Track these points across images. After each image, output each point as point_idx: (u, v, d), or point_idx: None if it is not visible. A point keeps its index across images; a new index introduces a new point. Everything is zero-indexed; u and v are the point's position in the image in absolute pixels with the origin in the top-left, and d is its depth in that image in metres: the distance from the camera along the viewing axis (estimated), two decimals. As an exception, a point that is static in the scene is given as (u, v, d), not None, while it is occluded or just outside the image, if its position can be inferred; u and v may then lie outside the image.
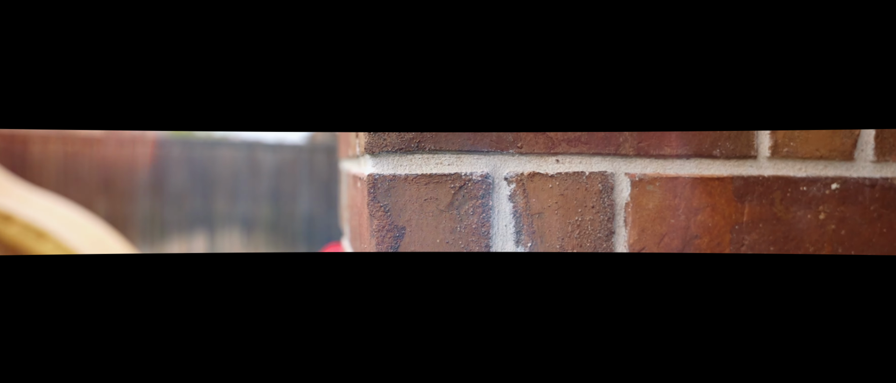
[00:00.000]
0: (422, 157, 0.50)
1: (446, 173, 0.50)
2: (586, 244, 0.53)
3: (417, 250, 0.50)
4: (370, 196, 0.49)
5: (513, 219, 0.52)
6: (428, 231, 0.50)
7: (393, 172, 0.49)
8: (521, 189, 0.52)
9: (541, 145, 0.52)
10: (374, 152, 0.49)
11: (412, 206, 0.50)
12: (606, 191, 0.53)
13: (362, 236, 0.55)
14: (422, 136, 0.50)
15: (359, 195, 0.58)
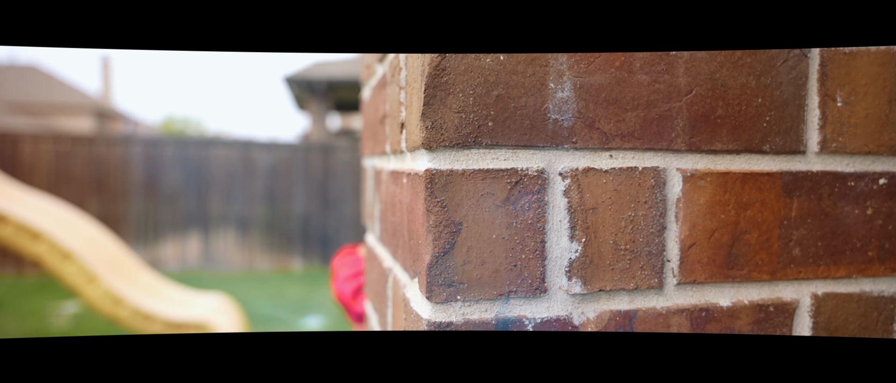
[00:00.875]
0: (478, 152, 0.50)
1: (503, 168, 0.50)
2: (639, 239, 0.53)
3: (474, 245, 0.50)
4: (427, 191, 0.49)
5: (567, 215, 0.52)
6: (484, 226, 0.50)
7: (450, 167, 0.49)
8: (575, 184, 0.52)
9: (595, 140, 0.52)
10: (431, 147, 0.49)
11: (469, 202, 0.50)
12: (658, 187, 0.53)
13: (412, 232, 0.55)
14: (479, 131, 0.50)
15: (406, 191, 0.57)
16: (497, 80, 0.50)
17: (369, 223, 0.95)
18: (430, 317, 0.50)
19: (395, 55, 0.65)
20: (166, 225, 9.65)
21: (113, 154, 9.45)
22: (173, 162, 9.65)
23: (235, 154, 9.86)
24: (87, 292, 4.75)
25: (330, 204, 10.16)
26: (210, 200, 9.79)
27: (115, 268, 5.05)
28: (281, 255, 10.15)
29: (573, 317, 0.52)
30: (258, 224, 10.03)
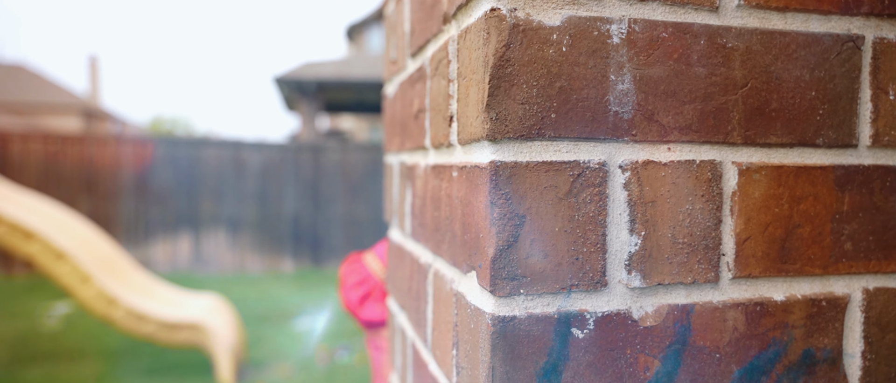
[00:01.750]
0: (541, 144, 0.50)
1: (565, 161, 0.50)
2: (696, 232, 0.53)
3: (537, 238, 0.50)
4: (491, 184, 0.49)
5: (627, 208, 0.51)
6: (547, 219, 0.50)
7: (514, 159, 0.49)
8: (635, 177, 0.51)
9: (654, 133, 0.52)
10: (495, 139, 0.49)
11: (532, 194, 0.49)
12: (715, 180, 0.53)
13: (469, 226, 0.54)
14: (542, 123, 0.49)
15: (458, 185, 0.57)
16: (560, 72, 0.50)
17: (396, 219, 0.95)
18: (493, 312, 0.49)
19: (439, 48, 0.64)
20: (157, 225, 9.57)
21: (103, 154, 9.36)
22: (164, 162, 9.57)
23: (226, 154, 9.79)
24: (81, 292, 4.70)
25: (320, 204, 10.12)
26: (201, 201, 9.72)
27: (108, 269, 5.00)
28: (272, 256, 10.10)
29: (632, 311, 0.52)
30: (249, 225, 9.97)
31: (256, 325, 6.74)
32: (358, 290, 1.39)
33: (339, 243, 10.31)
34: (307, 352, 5.87)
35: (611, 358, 0.52)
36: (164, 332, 4.85)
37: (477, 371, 0.52)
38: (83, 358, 5.63)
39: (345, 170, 10.26)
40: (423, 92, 0.73)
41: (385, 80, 1.04)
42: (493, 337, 0.49)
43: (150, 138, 9.77)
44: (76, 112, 29.78)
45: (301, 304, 7.73)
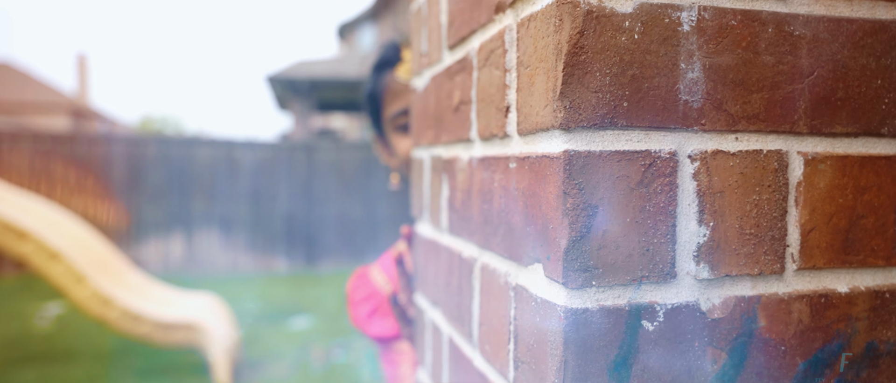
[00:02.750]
0: (613, 133, 0.49)
1: (637, 150, 0.49)
2: (762, 223, 0.52)
3: (609, 229, 0.49)
4: (565, 173, 0.48)
5: (696, 198, 0.51)
6: (618, 209, 0.49)
7: (588, 148, 0.48)
8: (704, 167, 0.51)
9: (722, 122, 0.51)
10: (569, 128, 0.48)
11: (605, 184, 0.49)
12: (781, 170, 0.53)
13: (533, 217, 0.53)
14: (614, 112, 0.49)
15: (517, 176, 0.56)
16: (632, 60, 0.49)
17: (426, 214, 0.94)
18: (565, 304, 0.48)
19: (490, 38, 0.64)
20: (149, 225, 9.48)
21: (94, 153, 9.26)
22: (156, 161, 9.49)
23: (218, 153, 9.72)
24: (75, 293, 4.64)
25: (314, 203, 10.07)
26: (193, 200, 9.64)
27: (102, 269, 4.95)
28: (265, 256, 10.04)
29: (700, 303, 0.51)
30: (242, 224, 9.91)
31: (251, 325, 6.70)
32: (365, 306, 1.38)
33: (332, 242, 10.28)
34: (303, 352, 5.84)
35: (680, 350, 0.51)
36: (159, 332, 4.81)
37: (544, 364, 0.51)
38: (76, 360, 5.58)
39: (338, 170, 10.23)
40: (467, 83, 0.72)
41: (412, 75, 1.03)
42: (566, 330, 0.48)
43: (142, 137, 9.69)
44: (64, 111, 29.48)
45: (295, 304, 7.69)
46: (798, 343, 0.53)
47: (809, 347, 0.54)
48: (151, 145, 9.58)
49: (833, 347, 0.54)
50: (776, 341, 0.53)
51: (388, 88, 1.26)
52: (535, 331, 0.53)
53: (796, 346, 0.53)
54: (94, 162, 9.24)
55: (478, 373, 0.69)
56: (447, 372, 0.83)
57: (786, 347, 0.53)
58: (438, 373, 0.88)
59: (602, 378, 0.50)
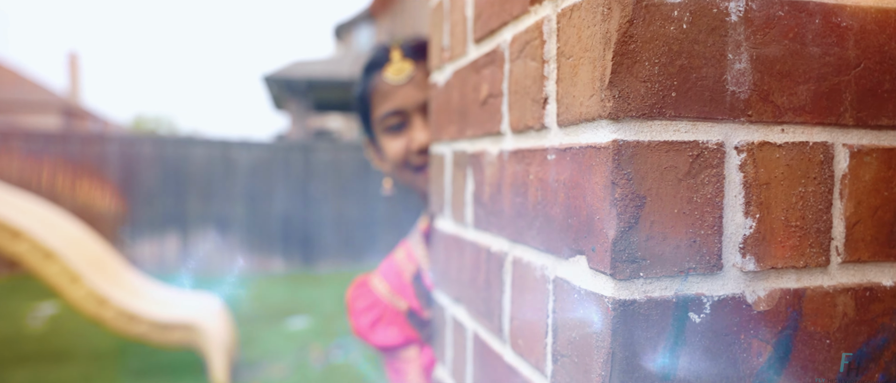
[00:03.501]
0: (661, 124, 0.48)
1: (685, 140, 0.49)
2: (808, 216, 0.52)
3: (657, 219, 0.48)
4: (614, 163, 0.47)
5: (742, 190, 0.50)
6: (666, 200, 0.49)
7: (636, 139, 0.48)
8: (751, 159, 0.50)
9: (768, 114, 0.51)
10: (618, 117, 0.47)
11: (653, 175, 0.48)
12: (827, 162, 0.52)
13: (576, 209, 0.53)
14: (663, 102, 0.48)
15: (557, 167, 0.56)
16: (680, 50, 0.48)
17: (448, 210, 0.93)
18: (613, 295, 0.48)
19: (525, 29, 0.63)
20: (143, 224, 9.42)
21: (88, 152, 9.20)
22: (151, 161, 9.43)
23: (214, 153, 9.68)
24: (71, 292, 4.60)
25: (311, 204, 10.04)
26: (188, 200, 9.59)
27: (98, 268, 4.91)
28: (261, 256, 10.00)
29: (746, 295, 0.51)
30: (238, 224, 9.86)
31: (248, 325, 6.66)
32: (367, 316, 1.37)
33: (329, 243, 10.24)
34: (301, 353, 5.81)
35: (726, 342, 0.51)
36: (156, 332, 4.77)
37: (588, 357, 0.51)
38: (70, 360, 5.53)
39: (335, 170, 10.20)
40: (498, 76, 0.71)
41: (431, 70, 1.02)
42: (614, 321, 0.48)
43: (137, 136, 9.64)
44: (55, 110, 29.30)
45: (293, 304, 7.66)
46: (843, 336, 0.53)
47: (854, 341, 0.53)
48: (146, 144, 9.52)
49: (878, 341, 0.54)
50: (821, 334, 0.53)
51: (376, 89, 1.25)
52: (579, 324, 0.52)
53: (841, 340, 0.53)
54: (88, 161, 9.18)
55: (508, 368, 0.68)
56: (472, 368, 0.82)
57: (830, 340, 0.53)
58: (462, 370, 0.87)
59: (649, 370, 0.49)
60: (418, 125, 1.21)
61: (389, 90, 1.23)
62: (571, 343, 0.54)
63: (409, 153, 1.22)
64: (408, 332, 1.32)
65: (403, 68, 1.22)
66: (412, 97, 1.21)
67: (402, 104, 1.21)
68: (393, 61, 1.24)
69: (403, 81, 1.21)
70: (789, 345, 0.52)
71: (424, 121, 1.21)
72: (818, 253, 0.52)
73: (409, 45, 1.27)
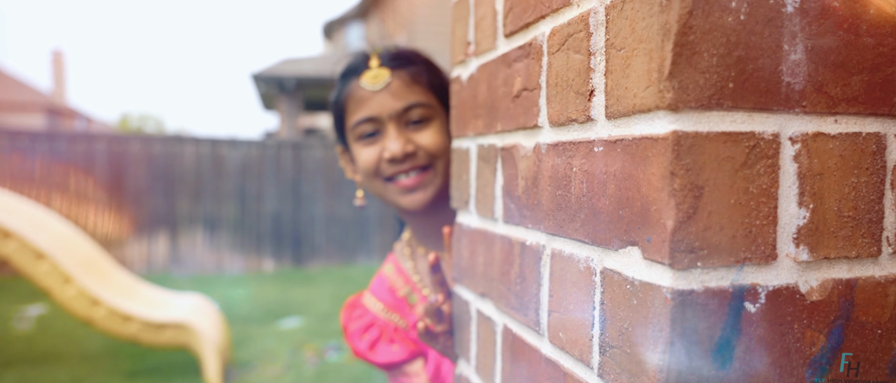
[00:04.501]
0: (719, 114, 0.48)
1: (742, 131, 0.49)
2: (860, 206, 0.52)
3: (714, 210, 0.48)
4: (673, 154, 0.47)
5: (796, 180, 0.51)
6: (723, 190, 0.49)
7: (695, 129, 0.48)
8: (805, 149, 0.51)
9: (822, 105, 0.51)
10: (677, 109, 0.47)
11: (711, 165, 0.48)
12: (879, 153, 0.53)
13: (628, 200, 0.53)
14: (720, 93, 0.48)
15: (611, 160, 0.55)
16: (738, 41, 0.48)
17: (473, 205, 0.93)
18: (671, 285, 0.48)
19: (567, 22, 0.63)
20: (131, 225, 9.32)
21: (75, 151, 9.08)
22: (139, 159, 9.33)
23: (203, 152, 9.59)
24: (62, 293, 4.55)
25: (302, 203, 9.99)
26: (177, 199, 9.50)
27: (89, 268, 4.85)
28: (251, 256, 9.94)
29: (799, 286, 0.51)
30: (227, 224, 9.79)
31: (240, 326, 6.61)
32: (365, 337, 1.37)
33: (320, 242, 10.20)
34: (295, 353, 5.78)
35: (779, 333, 0.51)
36: (149, 333, 4.72)
37: (643, 348, 0.51)
38: (59, 362, 5.46)
39: (326, 168, 10.15)
40: (534, 69, 0.71)
41: (452, 65, 1.02)
42: (673, 311, 0.48)
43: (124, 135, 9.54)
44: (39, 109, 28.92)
45: (285, 304, 7.62)
46: (894, 327, 0.53)
47: (902, 330, 0.54)
48: (134, 143, 9.42)
49: (924, 330, 0.54)
50: (872, 324, 0.53)
51: (351, 96, 1.23)
52: (631, 315, 0.52)
53: (892, 330, 0.53)
54: (75, 160, 9.07)
55: (546, 361, 0.68)
56: (501, 362, 0.82)
57: (882, 331, 0.53)
58: (489, 365, 0.87)
59: (706, 359, 0.49)
60: (392, 134, 1.19)
61: (365, 97, 1.21)
62: (623, 334, 0.54)
63: (380, 162, 1.20)
64: (410, 347, 1.32)
65: (380, 75, 1.20)
66: (387, 105, 1.19)
67: (377, 112, 1.20)
68: (370, 68, 1.22)
69: (379, 88, 1.20)
70: (841, 335, 0.52)
71: (398, 131, 1.19)
72: (870, 243, 0.53)
73: (387, 53, 1.25)
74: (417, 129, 1.21)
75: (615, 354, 0.55)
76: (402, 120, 1.20)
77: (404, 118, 1.20)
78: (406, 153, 1.18)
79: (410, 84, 1.22)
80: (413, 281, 1.34)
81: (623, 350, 0.54)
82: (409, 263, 1.35)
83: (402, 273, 1.36)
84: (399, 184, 1.21)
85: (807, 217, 0.51)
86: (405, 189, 1.21)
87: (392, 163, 1.19)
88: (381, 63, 1.23)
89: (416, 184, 1.20)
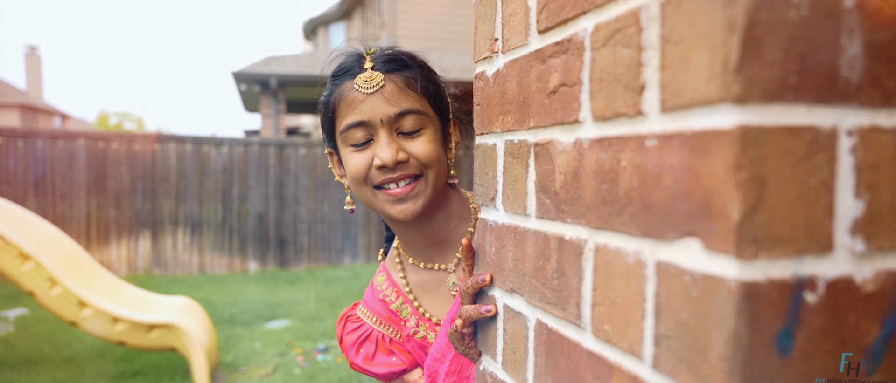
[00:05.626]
0: (781, 108, 0.49)
1: (803, 125, 0.50)
2: (910, 198, 0.54)
3: (777, 201, 0.49)
4: (739, 146, 0.48)
5: (852, 173, 0.52)
6: (785, 182, 0.50)
7: (760, 122, 0.49)
8: (861, 142, 0.52)
9: (877, 98, 0.52)
10: (744, 101, 0.48)
11: (774, 158, 0.49)
12: (928, 146, 0.54)
13: (686, 194, 0.53)
14: (783, 86, 0.49)
15: (667, 153, 0.56)
16: (799, 35, 0.49)
17: (500, 201, 0.93)
18: (736, 276, 0.49)
19: (615, 17, 0.63)
20: (112, 224, 9.17)
21: (54, 149, 8.91)
22: (120, 158, 9.19)
23: (186, 151, 9.47)
24: (47, 294, 4.46)
25: (286, 203, 9.92)
26: (160, 199, 9.37)
27: (74, 269, 4.77)
28: (235, 257, 9.84)
29: (855, 276, 0.52)
30: (211, 224, 9.68)
31: (227, 328, 6.55)
32: (363, 349, 1.37)
33: (305, 243, 10.14)
34: (283, 354, 5.74)
35: (836, 323, 0.52)
36: (136, 334, 4.66)
37: (705, 337, 0.51)
38: (41, 366, 5.36)
39: (311, 168, 10.09)
40: (573, 65, 0.71)
41: (476, 61, 1.02)
42: (739, 301, 0.49)
43: (106, 133, 9.38)
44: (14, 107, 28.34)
45: (271, 306, 7.55)
46: (941, 315, 0.55)
47: (948, 319, 0.55)
48: (115, 141, 9.26)
49: (969, 319, 0.56)
50: (922, 313, 0.54)
51: (343, 98, 1.19)
52: (690, 305, 0.53)
53: (940, 318, 0.55)
54: (55, 158, 8.90)
55: (589, 354, 0.69)
56: (534, 357, 0.83)
57: (931, 319, 0.55)
58: (519, 361, 0.87)
59: (768, 349, 0.50)
60: (383, 141, 1.16)
61: (357, 100, 1.17)
62: (681, 324, 0.54)
63: (370, 169, 1.17)
64: (408, 357, 1.32)
65: (374, 78, 1.17)
66: (380, 110, 1.16)
67: (369, 116, 1.16)
68: (364, 70, 1.19)
69: (372, 91, 1.16)
70: (894, 325, 0.54)
71: (390, 138, 1.16)
72: (919, 234, 0.54)
73: (382, 55, 1.22)
74: (409, 137, 1.18)
75: (671, 345, 0.56)
76: (394, 126, 1.17)
77: (396, 125, 1.17)
78: (397, 161, 1.15)
79: (404, 89, 1.18)
80: (404, 293, 1.33)
81: (681, 340, 0.55)
82: (399, 274, 1.34)
83: (393, 284, 1.35)
84: (388, 192, 1.17)
85: (862, 209, 0.52)
86: (394, 198, 1.17)
87: (382, 170, 1.16)
88: (375, 65, 1.19)
89: (405, 194, 1.17)
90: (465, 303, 1.02)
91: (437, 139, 1.21)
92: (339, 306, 7.37)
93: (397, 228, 1.29)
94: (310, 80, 12.03)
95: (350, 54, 1.25)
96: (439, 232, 1.27)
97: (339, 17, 21.81)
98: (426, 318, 1.30)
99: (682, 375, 0.55)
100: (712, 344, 0.51)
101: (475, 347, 1.05)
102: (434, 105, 1.23)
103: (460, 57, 13.38)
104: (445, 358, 1.21)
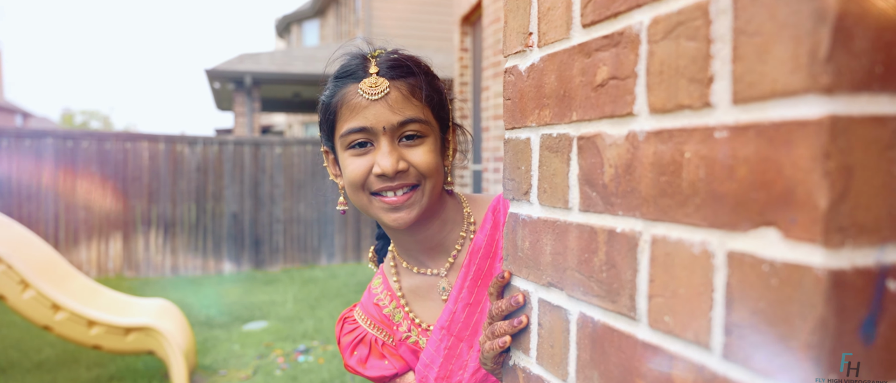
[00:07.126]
0: (867, 98, 0.50)
1: (887, 114, 0.51)
2: (977, 188, 0.55)
3: (863, 190, 0.50)
4: (828, 136, 0.49)
5: (929, 162, 0.53)
6: (870, 171, 0.50)
7: (848, 112, 0.49)
8: (936, 132, 0.53)
9: (951, 90, 0.53)
10: (832, 92, 0.49)
11: (860, 147, 0.50)
12: None
13: (765, 183, 0.54)
14: (870, 77, 0.50)
15: (741, 144, 0.57)
16: (886, 26, 0.50)
17: (535, 195, 0.93)
18: (823, 264, 0.49)
19: (678, 10, 0.64)
20: (82, 226, 8.93)
21: (21, 148, 8.64)
22: (90, 157, 8.95)
23: (158, 149, 9.28)
24: (18, 298, 4.32)
25: (262, 203, 9.79)
26: (131, 199, 9.16)
27: (47, 272, 4.63)
28: (210, 258, 9.68)
29: (929, 264, 0.53)
30: (184, 224, 9.50)
31: (205, 330, 6.43)
32: (358, 351, 1.38)
33: (280, 243, 10.01)
34: (262, 356, 5.66)
35: (912, 310, 0.53)
36: (113, 337, 4.54)
37: (788, 326, 0.52)
38: (10, 372, 5.19)
39: (286, 167, 9.98)
40: (626, 58, 0.72)
41: (506, 55, 1.01)
42: (827, 289, 0.49)
43: (75, 132, 9.12)
44: (-27, 106, 27.37)
45: (248, 307, 7.44)
46: None
47: None
48: (85, 140, 9.03)
49: None
50: None
51: (346, 101, 1.18)
52: (769, 294, 0.54)
53: None
54: (22, 157, 8.63)
55: (645, 346, 0.69)
56: (577, 350, 0.83)
57: None
58: (558, 354, 0.87)
59: (853, 337, 0.51)
60: (384, 149, 1.15)
61: (360, 105, 1.16)
62: (757, 313, 0.55)
63: (369, 175, 1.17)
64: (400, 361, 1.34)
65: (379, 84, 1.16)
66: (383, 117, 1.15)
67: (371, 123, 1.15)
68: (369, 74, 1.17)
69: (377, 98, 1.15)
70: (963, 311, 0.55)
71: (391, 146, 1.15)
72: (985, 223, 0.55)
73: (388, 59, 1.21)
74: (410, 146, 1.18)
75: (745, 333, 0.56)
76: (396, 134, 1.16)
77: (398, 133, 1.17)
78: (397, 171, 1.15)
79: (408, 97, 1.18)
80: (397, 297, 1.34)
81: (757, 329, 0.55)
82: (393, 278, 1.36)
83: (388, 288, 1.36)
84: (385, 200, 1.17)
85: (937, 198, 0.53)
86: (390, 206, 1.17)
87: (381, 179, 1.16)
88: (380, 70, 1.18)
89: (401, 203, 1.17)
90: (496, 323, 1.02)
91: (436, 148, 1.21)
92: (317, 307, 7.30)
93: (391, 233, 1.29)
94: (285, 77, 11.90)
95: (354, 55, 1.24)
96: (433, 238, 1.28)
97: (313, 15, 21.61)
98: (417, 324, 1.32)
99: (758, 363, 0.55)
100: (796, 332, 0.51)
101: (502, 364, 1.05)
102: (436, 113, 1.23)
103: (435, 55, 13.38)
104: (434, 364, 1.23)
